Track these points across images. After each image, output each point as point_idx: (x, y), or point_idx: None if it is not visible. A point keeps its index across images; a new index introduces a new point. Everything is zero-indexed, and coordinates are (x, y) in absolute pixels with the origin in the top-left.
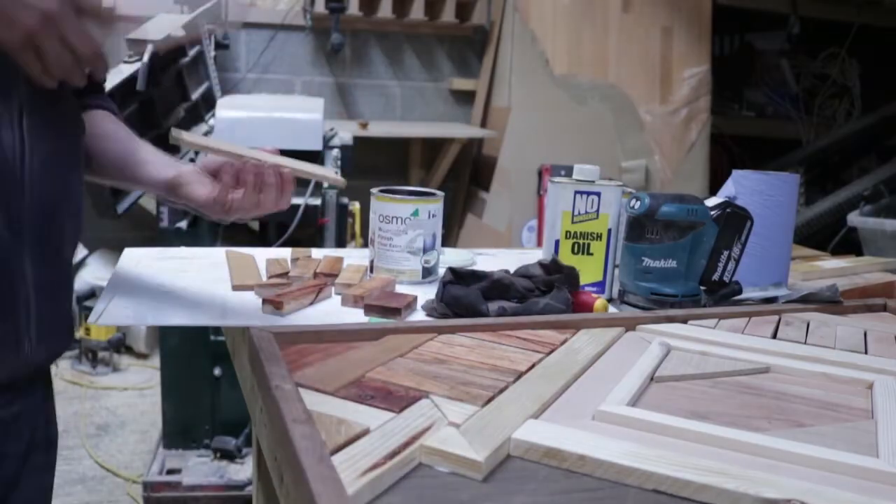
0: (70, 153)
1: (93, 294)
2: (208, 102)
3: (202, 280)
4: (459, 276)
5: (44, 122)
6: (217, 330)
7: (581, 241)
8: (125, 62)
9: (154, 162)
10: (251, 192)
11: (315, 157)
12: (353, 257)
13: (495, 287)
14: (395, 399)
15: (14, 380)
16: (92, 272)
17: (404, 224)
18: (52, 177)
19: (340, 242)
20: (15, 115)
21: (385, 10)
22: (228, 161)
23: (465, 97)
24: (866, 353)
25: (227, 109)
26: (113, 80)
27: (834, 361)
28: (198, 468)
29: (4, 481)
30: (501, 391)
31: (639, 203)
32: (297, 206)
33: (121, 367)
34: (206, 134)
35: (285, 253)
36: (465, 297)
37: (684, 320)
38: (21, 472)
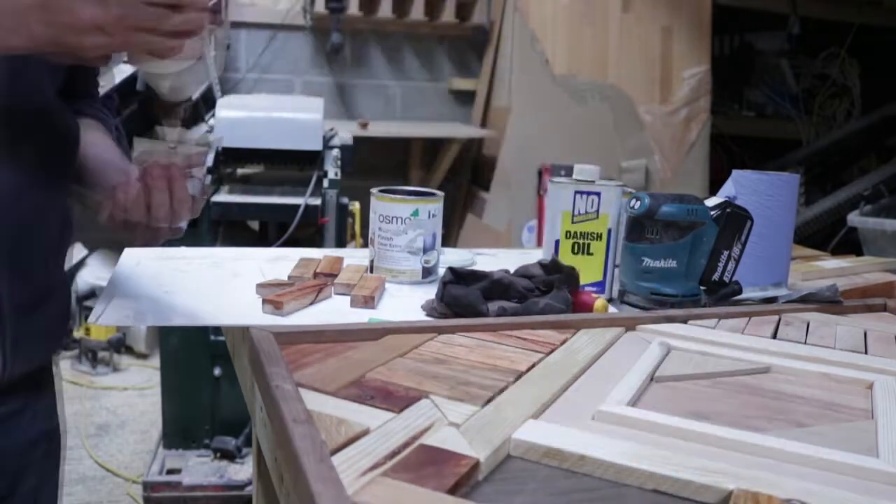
0: (49, 173)
1: (93, 294)
2: (208, 102)
3: (202, 280)
4: (459, 276)
5: (19, 144)
6: (217, 330)
7: (581, 241)
8: (125, 62)
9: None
10: (142, 193)
11: (315, 156)
12: (354, 257)
13: (495, 287)
14: (395, 399)
15: None
16: (92, 272)
17: (404, 224)
18: (29, 198)
19: (340, 242)
20: None
21: (385, 10)
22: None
23: (465, 97)
24: (866, 353)
25: (227, 109)
26: (113, 80)
27: (834, 361)
28: (198, 468)
29: (6, 476)
30: (501, 391)
31: (639, 203)
32: (297, 206)
33: (121, 367)
34: (208, 133)
35: (285, 253)
36: (465, 297)
37: (684, 320)
38: (24, 467)
